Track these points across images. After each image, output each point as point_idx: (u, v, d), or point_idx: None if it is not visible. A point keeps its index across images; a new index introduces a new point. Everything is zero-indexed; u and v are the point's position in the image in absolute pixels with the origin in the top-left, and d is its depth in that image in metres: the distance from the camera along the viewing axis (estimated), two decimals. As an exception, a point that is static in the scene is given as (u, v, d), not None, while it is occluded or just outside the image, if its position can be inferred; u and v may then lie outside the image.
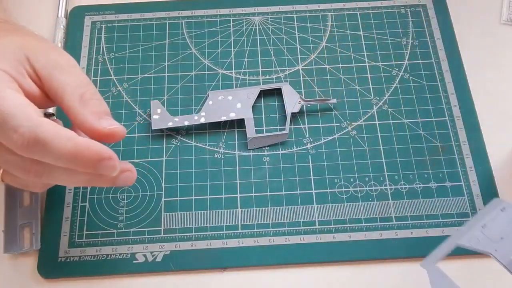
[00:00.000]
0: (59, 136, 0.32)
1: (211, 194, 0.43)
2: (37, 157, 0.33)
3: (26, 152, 0.32)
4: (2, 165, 0.35)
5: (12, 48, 0.35)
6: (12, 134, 0.31)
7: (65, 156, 0.32)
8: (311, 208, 0.43)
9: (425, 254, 0.41)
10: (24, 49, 0.36)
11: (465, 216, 0.42)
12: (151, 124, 0.45)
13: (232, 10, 0.52)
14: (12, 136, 0.31)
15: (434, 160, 0.45)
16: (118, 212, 0.43)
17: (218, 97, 0.47)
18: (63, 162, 0.33)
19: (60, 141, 0.32)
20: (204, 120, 0.46)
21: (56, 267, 0.41)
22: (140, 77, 0.49)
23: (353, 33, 0.51)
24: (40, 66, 0.35)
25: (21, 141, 0.31)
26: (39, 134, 0.32)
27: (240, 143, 0.46)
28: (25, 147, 0.32)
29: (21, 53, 0.35)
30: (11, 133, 0.31)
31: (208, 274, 0.41)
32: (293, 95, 0.47)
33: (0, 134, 0.32)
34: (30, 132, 0.31)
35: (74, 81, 0.35)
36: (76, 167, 0.33)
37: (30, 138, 0.31)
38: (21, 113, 0.32)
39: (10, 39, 0.36)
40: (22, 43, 0.36)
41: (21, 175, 0.35)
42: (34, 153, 0.32)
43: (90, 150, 0.33)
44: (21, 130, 0.31)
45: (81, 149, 0.32)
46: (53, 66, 0.35)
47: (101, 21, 0.52)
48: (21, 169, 0.34)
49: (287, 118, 0.46)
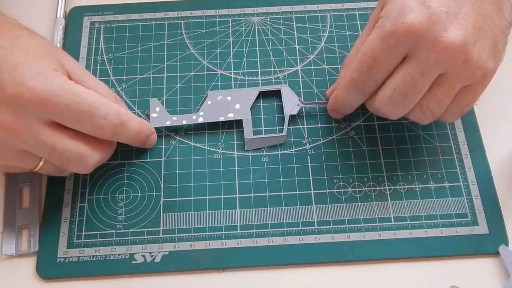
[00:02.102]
0: (132, 117, 0.40)
1: (210, 194, 0.43)
2: (115, 136, 0.39)
3: (111, 134, 0.38)
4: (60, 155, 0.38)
5: (50, 50, 0.38)
6: (102, 122, 0.37)
7: (134, 133, 0.40)
8: (310, 209, 0.43)
9: (424, 254, 0.41)
10: (55, 52, 0.39)
11: (464, 216, 0.42)
12: (150, 122, 0.45)
13: (231, 10, 0.52)
14: (102, 123, 0.37)
15: (433, 161, 0.45)
16: (117, 212, 0.43)
17: (217, 97, 0.47)
18: (130, 138, 0.41)
19: (133, 122, 0.40)
20: (202, 120, 0.46)
21: (55, 268, 0.41)
22: (139, 77, 0.49)
23: (352, 33, 0.51)
24: (71, 70, 0.39)
25: (110, 127, 0.38)
26: (122, 118, 0.38)
27: (239, 144, 0.46)
28: (112, 130, 0.38)
29: (56, 56, 0.38)
30: (100, 121, 0.37)
31: (207, 274, 0.41)
32: (292, 97, 0.47)
33: (88, 123, 0.37)
34: (117, 117, 0.38)
35: (103, 86, 0.41)
36: (133, 140, 0.41)
37: (117, 122, 0.38)
38: (104, 103, 0.37)
39: (38, 41, 0.38)
40: (51, 46, 0.39)
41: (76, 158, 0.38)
42: (117, 134, 0.39)
43: (147, 126, 0.42)
44: (109, 117, 0.37)
45: (143, 127, 0.42)
46: (82, 72, 0.40)
47: (100, 22, 0.52)
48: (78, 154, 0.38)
49: (285, 120, 0.46)
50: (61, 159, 0.37)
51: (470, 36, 0.36)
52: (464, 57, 0.36)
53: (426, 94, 0.37)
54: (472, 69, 0.36)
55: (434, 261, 0.41)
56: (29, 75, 0.35)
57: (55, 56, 0.38)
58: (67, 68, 0.38)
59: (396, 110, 0.39)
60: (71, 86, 0.36)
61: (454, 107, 0.39)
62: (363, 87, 0.39)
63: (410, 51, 0.36)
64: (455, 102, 0.38)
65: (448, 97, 0.38)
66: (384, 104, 0.38)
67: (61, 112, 0.36)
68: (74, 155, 0.37)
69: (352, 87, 0.40)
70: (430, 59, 0.35)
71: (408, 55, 0.37)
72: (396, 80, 0.37)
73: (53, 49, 0.39)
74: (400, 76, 0.37)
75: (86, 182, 0.44)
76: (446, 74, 0.36)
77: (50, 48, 0.39)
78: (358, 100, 0.41)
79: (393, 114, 0.39)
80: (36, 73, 0.35)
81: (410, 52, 0.36)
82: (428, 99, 0.38)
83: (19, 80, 0.34)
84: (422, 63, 0.36)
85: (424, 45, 0.35)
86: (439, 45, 0.35)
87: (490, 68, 0.37)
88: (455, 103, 0.38)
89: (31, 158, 0.38)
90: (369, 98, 0.40)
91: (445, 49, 0.35)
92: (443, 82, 0.37)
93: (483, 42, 0.36)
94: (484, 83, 0.38)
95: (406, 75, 0.36)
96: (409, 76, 0.36)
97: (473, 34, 0.36)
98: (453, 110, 0.39)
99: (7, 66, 0.35)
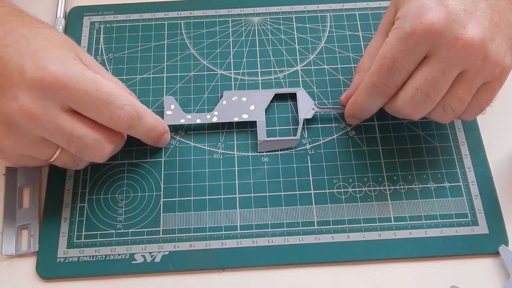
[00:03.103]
0: (148, 111, 0.40)
1: (210, 194, 0.43)
2: (130, 129, 0.39)
3: (127, 126, 0.38)
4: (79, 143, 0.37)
5: (69, 42, 0.39)
6: (119, 112, 0.37)
7: (149, 128, 0.40)
8: (310, 209, 0.43)
9: (424, 254, 0.41)
10: (74, 45, 0.39)
11: (464, 216, 0.42)
12: (164, 120, 0.45)
13: (231, 10, 0.52)
14: (119, 113, 0.37)
15: (433, 161, 0.45)
16: (117, 212, 0.43)
17: (232, 98, 0.47)
18: (144, 133, 0.41)
19: (149, 116, 0.40)
20: (216, 120, 0.46)
21: (55, 268, 0.41)
22: (139, 77, 0.49)
23: (352, 33, 0.51)
24: (88, 64, 0.39)
25: (126, 117, 0.37)
26: (139, 110, 0.39)
27: (239, 144, 0.46)
28: (128, 121, 0.38)
29: (74, 48, 0.39)
30: (117, 110, 0.37)
31: (207, 274, 0.41)
32: (307, 101, 0.46)
33: (105, 112, 0.37)
34: (134, 109, 0.38)
35: (118, 81, 0.42)
36: (148, 136, 0.42)
37: (134, 114, 0.38)
38: (122, 94, 0.37)
39: (58, 33, 0.39)
40: (70, 40, 0.40)
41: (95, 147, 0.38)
42: (132, 126, 0.39)
43: (162, 124, 0.42)
44: (126, 108, 0.37)
45: (158, 123, 0.42)
46: (97, 66, 0.40)
47: (99, 22, 0.52)
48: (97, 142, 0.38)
49: (299, 124, 0.45)
50: (79, 146, 0.37)
51: (488, 33, 0.36)
52: (483, 54, 0.36)
53: (447, 92, 0.38)
54: (491, 66, 0.36)
55: (434, 261, 0.41)
56: (50, 60, 0.35)
57: (74, 48, 0.38)
58: (85, 62, 0.38)
59: (418, 110, 0.39)
60: (91, 75, 0.36)
61: (474, 104, 0.39)
62: (383, 89, 0.39)
63: (430, 51, 0.36)
64: (474, 99, 0.38)
65: (469, 95, 0.38)
66: (406, 105, 0.38)
67: (80, 99, 0.36)
68: (92, 141, 0.37)
69: (372, 90, 0.40)
70: (451, 57, 0.36)
71: (428, 55, 0.37)
72: (417, 80, 0.37)
73: (72, 42, 0.39)
74: (422, 76, 0.37)
75: (86, 182, 0.44)
76: (466, 72, 0.37)
77: (69, 41, 0.39)
78: (379, 103, 0.41)
79: (415, 114, 0.39)
80: (58, 59, 0.35)
81: (430, 52, 0.36)
82: (450, 98, 0.38)
83: (40, 64, 0.35)
84: (443, 62, 0.36)
85: (444, 44, 0.36)
86: (459, 43, 0.35)
87: (507, 64, 0.37)
88: (475, 101, 0.39)
89: (48, 147, 0.38)
90: (389, 101, 0.40)
91: (465, 47, 0.35)
92: (463, 80, 0.37)
93: (500, 38, 0.37)
94: (502, 79, 0.38)
95: (427, 74, 0.37)
96: (430, 76, 0.36)
97: (490, 31, 0.36)
98: (473, 107, 0.39)
99: (28, 52, 0.35)
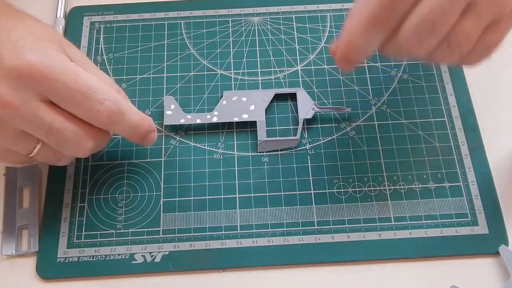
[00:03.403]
0: (132, 108, 0.38)
1: (210, 194, 0.43)
2: (111, 125, 0.37)
3: (107, 122, 0.36)
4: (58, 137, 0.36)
5: (55, 35, 0.38)
6: (98, 106, 0.35)
7: (132, 125, 0.38)
8: (310, 209, 0.43)
9: (424, 254, 0.41)
10: (60, 39, 0.38)
11: (464, 216, 0.42)
12: (164, 120, 0.45)
13: (231, 10, 0.52)
14: (98, 107, 0.35)
15: (433, 161, 0.45)
16: (117, 212, 0.43)
17: (232, 98, 0.47)
18: (128, 131, 0.39)
19: (132, 113, 0.38)
20: (216, 120, 0.46)
21: (55, 268, 0.41)
22: (139, 77, 0.49)
23: (352, 33, 0.51)
24: (74, 58, 0.38)
25: (106, 112, 0.36)
26: (121, 106, 0.37)
27: (239, 144, 0.46)
28: (108, 117, 0.36)
29: (60, 42, 0.38)
30: (97, 105, 0.35)
31: (207, 274, 0.41)
32: (307, 101, 0.46)
33: (84, 105, 0.35)
34: (115, 104, 0.36)
35: (106, 77, 0.40)
36: (132, 134, 0.39)
37: (114, 109, 0.36)
38: (103, 88, 0.36)
39: (45, 26, 0.38)
40: (58, 34, 0.39)
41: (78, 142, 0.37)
42: (113, 122, 0.37)
43: (147, 122, 0.40)
44: (107, 103, 0.36)
45: (144, 121, 0.39)
46: (85, 61, 0.39)
47: (99, 22, 0.52)
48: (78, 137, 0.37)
49: (299, 124, 0.45)
50: (58, 139, 0.36)
51: None
52: None
53: (454, 26, 0.35)
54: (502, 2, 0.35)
55: (434, 261, 0.41)
56: (29, 50, 0.34)
57: (58, 40, 0.38)
58: (71, 56, 0.38)
59: (423, 43, 0.35)
60: (72, 66, 0.36)
61: (481, 45, 0.36)
62: (384, 23, 0.35)
63: None
64: (482, 39, 0.36)
65: (476, 30, 0.35)
66: (410, 37, 0.35)
67: (58, 90, 0.35)
68: (72, 134, 0.36)
69: (372, 24, 0.35)
70: None
71: None
72: (423, 9, 0.34)
73: (59, 36, 0.39)
74: (428, 4, 0.34)
75: (86, 182, 0.44)
76: (475, 3, 0.34)
77: (54, 33, 0.38)
78: (378, 39, 0.37)
79: (419, 48, 0.36)
80: (38, 49, 0.35)
81: None
82: (456, 32, 0.35)
83: (18, 54, 0.34)
84: None
85: None
86: None
87: None
88: (482, 41, 0.36)
89: (29, 140, 0.37)
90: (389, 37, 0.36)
91: None
92: (472, 12, 0.35)
93: None
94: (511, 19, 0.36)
95: (434, 2, 0.34)
96: (437, 4, 0.34)
97: None
98: (480, 49, 0.37)
99: (8, 42, 0.35)
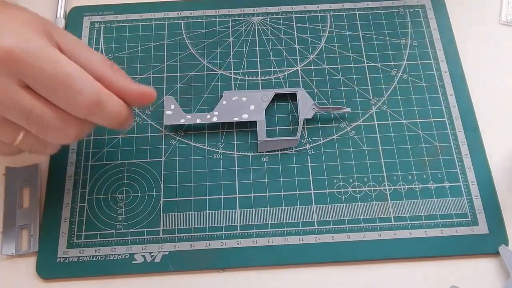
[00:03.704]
0: (113, 97, 0.36)
1: (210, 194, 0.43)
2: (90, 116, 0.35)
3: (86, 112, 0.35)
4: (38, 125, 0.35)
5: (40, 20, 0.36)
6: (77, 96, 0.34)
7: (114, 116, 0.36)
8: (310, 209, 0.43)
9: (424, 254, 0.41)
10: (46, 23, 0.37)
11: (464, 216, 0.42)
12: (164, 120, 0.45)
13: (231, 10, 0.52)
14: (77, 97, 0.34)
15: (433, 161, 0.45)
16: (117, 212, 0.43)
17: (232, 98, 0.47)
18: (107, 121, 0.36)
19: (112, 103, 0.36)
20: (216, 120, 0.46)
21: (55, 268, 0.41)
22: (138, 77, 0.49)
23: (352, 33, 0.51)
24: (63, 41, 0.36)
25: (86, 102, 0.34)
26: (101, 97, 0.35)
27: (239, 144, 0.46)
28: (87, 107, 0.34)
29: (45, 25, 0.36)
30: (76, 94, 0.34)
31: (207, 274, 0.41)
32: (307, 101, 0.46)
33: (61, 94, 0.34)
34: (94, 94, 0.34)
35: (99, 55, 0.38)
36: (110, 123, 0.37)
37: (94, 100, 0.34)
38: (83, 76, 0.34)
39: (29, 12, 0.37)
40: (43, 18, 0.37)
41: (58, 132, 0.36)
42: (92, 113, 0.35)
43: (127, 109, 0.37)
44: (86, 92, 0.34)
45: (122, 110, 0.37)
46: (75, 42, 0.37)
47: (99, 22, 0.52)
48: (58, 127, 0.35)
49: (299, 124, 0.45)
50: (39, 125, 0.35)
51: None
52: None
53: None
54: None
55: (434, 261, 0.41)
56: (8, 34, 0.33)
57: (44, 25, 0.36)
58: (58, 38, 0.36)
59: None
60: (52, 52, 0.34)
61: None
62: None
63: None
64: None
65: None
66: None
67: (34, 74, 0.33)
68: (53, 120, 0.35)
69: None
70: None
71: None
72: None
73: (44, 20, 0.37)
74: None
75: (86, 182, 0.44)
76: None
77: (41, 19, 0.37)
78: None
79: None
80: (16, 34, 0.33)
81: None
82: None
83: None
84: None
85: None
86: None
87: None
88: None
89: (11, 128, 0.36)
90: None
91: None
92: None
93: None
94: None
95: None
96: None
97: None
98: None
99: None
